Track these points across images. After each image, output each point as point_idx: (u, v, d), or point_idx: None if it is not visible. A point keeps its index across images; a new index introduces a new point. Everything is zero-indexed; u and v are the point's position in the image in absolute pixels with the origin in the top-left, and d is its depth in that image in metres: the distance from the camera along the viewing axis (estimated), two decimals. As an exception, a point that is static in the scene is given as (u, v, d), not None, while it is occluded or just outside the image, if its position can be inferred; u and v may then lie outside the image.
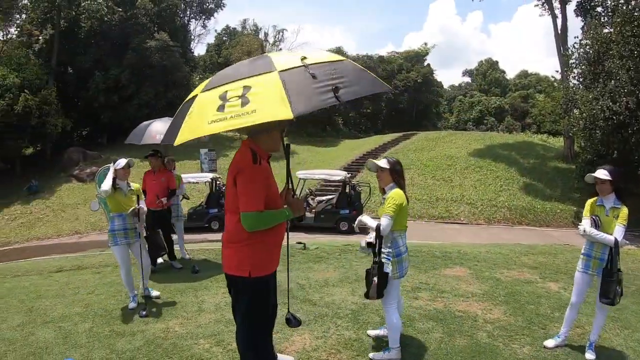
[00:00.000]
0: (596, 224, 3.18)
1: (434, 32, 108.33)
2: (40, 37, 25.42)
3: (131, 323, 4.11)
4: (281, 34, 40.37)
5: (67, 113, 23.63)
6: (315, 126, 35.77)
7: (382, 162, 3.12)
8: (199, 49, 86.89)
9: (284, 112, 1.78)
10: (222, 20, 78.97)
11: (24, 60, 21.26)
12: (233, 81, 2.00)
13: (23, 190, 18.97)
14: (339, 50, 41.32)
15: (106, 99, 25.07)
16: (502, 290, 4.60)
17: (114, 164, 4.49)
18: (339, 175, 13.52)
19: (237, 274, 2.37)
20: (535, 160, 19.68)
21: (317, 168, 17.79)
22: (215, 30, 47.06)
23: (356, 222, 3.35)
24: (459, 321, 3.81)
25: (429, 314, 4.00)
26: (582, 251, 3.37)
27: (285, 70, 1.96)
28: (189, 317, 4.18)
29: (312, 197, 13.99)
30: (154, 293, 4.85)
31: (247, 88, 1.90)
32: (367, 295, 3.09)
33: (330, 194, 14.98)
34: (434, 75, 46.00)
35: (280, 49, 40.88)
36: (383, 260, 3.03)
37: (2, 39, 24.96)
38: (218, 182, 14.67)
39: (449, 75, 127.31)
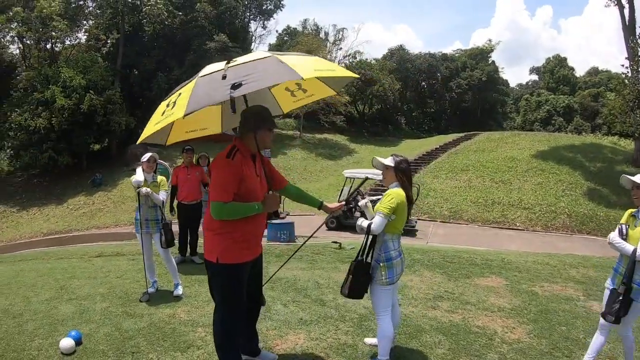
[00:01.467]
0: (621, 233, 2.82)
1: (502, 28, 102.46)
2: (109, 41, 27.99)
3: (143, 306, 4.35)
4: (341, 33, 40.33)
5: (132, 112, 25.52)
6: (376, 126, 35.52)
7: (388, 160, 3.01)
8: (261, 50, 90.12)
9: (180, 113, 2.11)
10: (283, 20, 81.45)
11: (89, 63, 23.17)
12: (177, 90, 2.42)
13: (88, 183, 20.90)
14: (400, 49, 40.76)
15: (169, 98, 27.00)
16: (534, 307, 4.07)
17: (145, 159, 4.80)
18: None
19: (208, 259, 2.57)
20: (602, 163, 18.46)
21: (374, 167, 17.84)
22: (277, 31, 48.50)
23: (362, 203, 3.15)
24: (472, 338, 3.42)
25: (441, 326, 3.65)
26: (614, 265, 2.98)
27: (205, 75, 2.32)
28: (197, 306, 4.30)
29: (360, 196, 13.76)
30: (178, 291, 4.76)
31: (179, 94, 2.32)
32: (340, 290, 3.04)
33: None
34: (499, 73, 44.34)
35: (341, 48, 41.32)
36: (373, 263, 2.91)
37: (70, 43, 28.04)
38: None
39: (518, 73, 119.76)
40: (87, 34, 28.73)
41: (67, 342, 3.32)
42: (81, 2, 27.30)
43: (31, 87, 23.35)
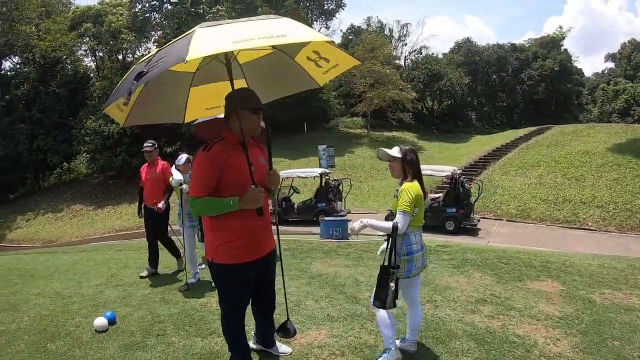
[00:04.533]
0: None
1: (575, 14, 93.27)
2: None
3: (180, 294, 4.64)
4: (405, 28, 39.81)
5: None
6: (446, 122, 34.59)
7: (394, 151, 2.94)
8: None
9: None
10: (347, 19, 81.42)
11: None
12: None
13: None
14: (467, 41, 39.31)
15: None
16: (588, 316, 3.61)
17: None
18: (446, 170, 12.96)
19: (206, 256, 2.58)
20: (687, 158, 16.44)
21: (443, 164, 18.07)
22: (341, 30, 49.11)
23: (355, 225, 2.94)
24: (507, 348, 3.11)
25: (476, 333, 3.39)
26: None
27: (140, 62, 2.26)
28: None
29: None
30: (191, 280, 5.05)
31: None
32: (383, 306, 2.78)
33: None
34: (572, 62, 41.36)
35: (406, 44, 40.63)
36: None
37: (141, 54, 30.57)
38: (327, 177, 15.35)
39: (594, 61, 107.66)
40: (156, 43, 31.32)
41: (100, 321, 3.68)
42: (147, 15, 29.79)
43: (104, 96, 25.97)
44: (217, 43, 1.91)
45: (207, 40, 1.93)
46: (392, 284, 2.75)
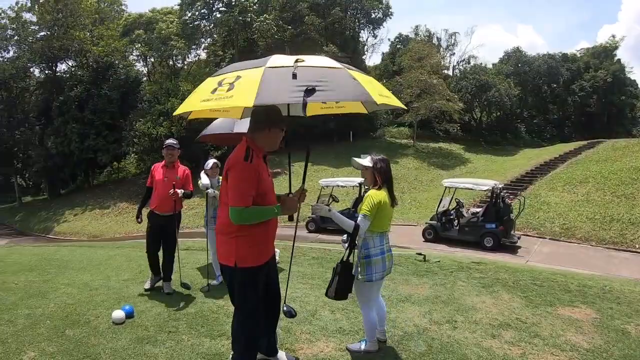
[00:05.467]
0: None
1: (630, 22, 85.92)
2: (226, 57, 31.36)
3: (201, 295, 4.80)
4: (454, 37, 39.29)
5: None
6: (494, 134, 33.99)
7: (365, 160, 3.12)
8: (374, 59, 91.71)
9: (247, 101, 2.10)
10: (395, 28, 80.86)
11: (205, 77, 26.94)
12: (234, 71, 2.39)
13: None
14: (516, 51, 38.23)
15: (282, 107, 29.40)
16: (618, 350, 3.33)
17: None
18: (487, 184, 12.62)
19: (225, 263, 2.62)
20: None
21: (488, 177, 17.88)
22: (389, 39, 49.10)
23: (321, 208, 3.13)
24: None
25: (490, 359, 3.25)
26: None
27: (273, 67, 2.29)
28: None
29: (458, 207, 13.67)
30: (213, 282, 5.21)
31: (238, 77, 2.29)
32: (325, 293, 3.14)
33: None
34: (626, 73, 39.23)
35: (454, 54, 40.00)
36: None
37: (191, 60, 32.11)
38: (366, 187, 15.37)
39: None
40: (206, 50, 32.75)
41: (117, 314, 3.89)
42: (197, 22, 31.23)
43: (154, 100, 27.42)
44: (376, 94, 2.32)
45: (370, 87, 2.32)
46: (337, 278, 3.01)
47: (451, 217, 13.42)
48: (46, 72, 32.57)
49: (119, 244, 11.00)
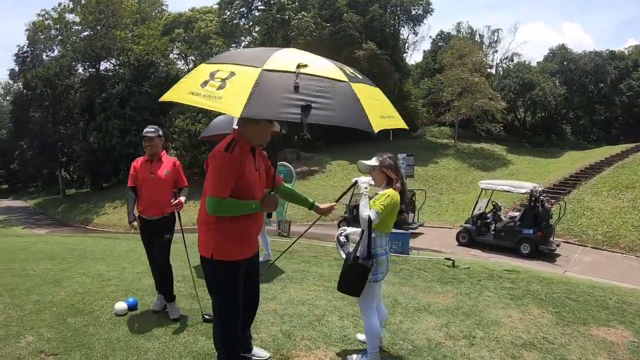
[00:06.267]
0: None
1: None
2: None
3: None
4: (496, 34, 38.06)
5: None
6: (539, 135, 33.11)
7: (372, 161, 3.09)
8: (415, 56, 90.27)
9: (235, 109, 1.93)
10: (436, 25, 79.23)
11: None
12: (230, 63, 2.20)
13: None
14: (561, 48, 36.51)
15: (320, 106, 29.71)
16: None
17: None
18: (525, 187, 12.03)
19: (202, 254, 2.62)
20: None
21: (530, 180, 17.35)
22: (430, 37, 48.28)
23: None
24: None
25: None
26: None
27: (271, 70, 2.08)
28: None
29: (495, 211, 13.25)
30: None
31: (232, 74, 2.10)
32: (350, 292, 3.11)
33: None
34: None
35: (496, 51, 38.73)
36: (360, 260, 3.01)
37: None
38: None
39: None
40: (245, 48, 33.49)
41: (120, 305, 3.93)
42: (236, 21, 31.84)
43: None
44: (377, 118, 2.19)
45: (372, 110, 2.17)
46: (352, 271, 2.99)
47: (487, 220, 12.97)
48: (89, 70, 34.39)
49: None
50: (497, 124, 31.27)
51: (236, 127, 2.64)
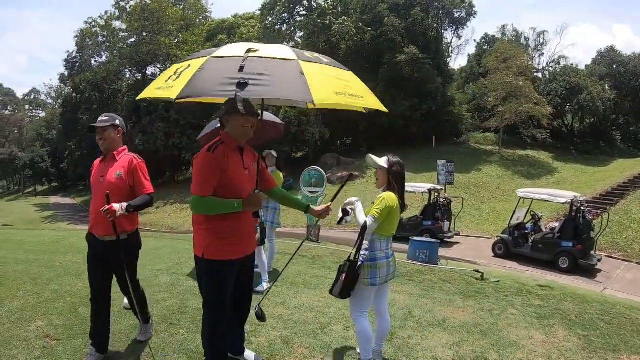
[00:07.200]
0: None
1: None
2: None
3: None
4: (542, 37, 36.61)
5: (328, 124, 28.99)
6: (587, 142, 31.90)
7: (382, 160, 3.10)
8: (460, 60, 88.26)
9: (173, 93, 2.12)
10: (481, 28, 77.10)
11: None
12: (192, 59, 2.42)
13: (283, 186, 24.38)
14: (610, 50, 34.69)
15: (363, 111, 29.67)
16: None
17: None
18: (565, 196, 11.45)
19: (195, 253, 2.68)
20: None
21: (576, 189, 16.82)
22: (475, 40, 47.21)
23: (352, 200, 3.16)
24: None
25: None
26: None
27: (219, 57, 2.27)
28: (264, 304, 4.38)
29: (535, 221, 12.75)
30: (260, 287, 4.96)
31: (188, 66, 2.31)
32: (330, 291, 3.10)
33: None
34: None
35: (543, 54, 37.54)
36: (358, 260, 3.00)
37: None
38: (437, 194, 14.98)
39: None
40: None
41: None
42: (278, 27, 32.50)
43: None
44: (329, 92, 2.21)
45: (322, 85, 2.20)
46: (343, 276, 2.95)
47: (526, 231, 12.41)
48: (136, 75, 36.17)
49: (181, 236, 11.67)
50: (543, 130, 29.98)
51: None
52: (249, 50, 2.22)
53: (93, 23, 36.61)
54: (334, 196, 3.10)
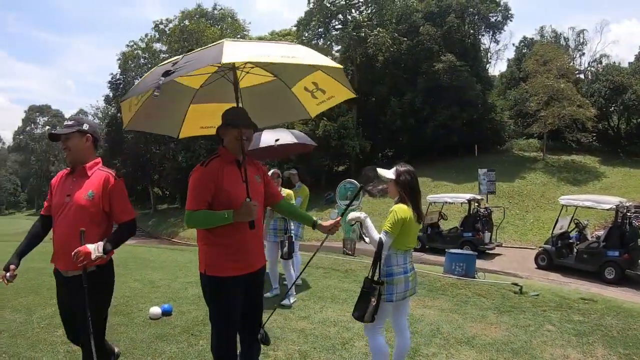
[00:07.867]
0: None
1: None
2: (347, 73, 32.57)
3: None
4: (582, 36, 34.97)
5: (369, 136, 29.15)
6: (635, 144, 29.80)
7: (389, 172, 3.00)
8: (500, 66, 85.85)
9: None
10: (519, 31, 74.41)
11: None
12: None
13: (322, 200, 24.25)
14: None
15: (403, 122, 29.48)
16: None
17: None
18: (610, 202, 10.78)
19: (199, 270, 2.64)
20: None
21: (625, 194, 16.13)
22: (513, 44, 46.00)
23: (359, 216, 2.95)
24: None
25: None
26: None
27: (161, 65, 2.42)
28: (289, 318, 4.44)
29: (580, 230, 12.12)
30: (287, 301, 4.89)
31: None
32: (360, 318, 2.83)
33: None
34: None
35: (583, 54, 36.30)
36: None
37: None
38: (477, 204, 14.65)
39: None
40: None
41: (154, 310, 4.24)
42: (314, 42, 32.95)
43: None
44: (249, 52, 2.20)
45: (240, 49, 2.18)
46: (374, 300, 2.78)
47: (570, 241, 11.76)
48: (180, 94, 37.76)
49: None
50: (588, 134, 28.29)
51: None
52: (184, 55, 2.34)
53: (135, 46, 38.56)
54: (344, 210, 3.07)
